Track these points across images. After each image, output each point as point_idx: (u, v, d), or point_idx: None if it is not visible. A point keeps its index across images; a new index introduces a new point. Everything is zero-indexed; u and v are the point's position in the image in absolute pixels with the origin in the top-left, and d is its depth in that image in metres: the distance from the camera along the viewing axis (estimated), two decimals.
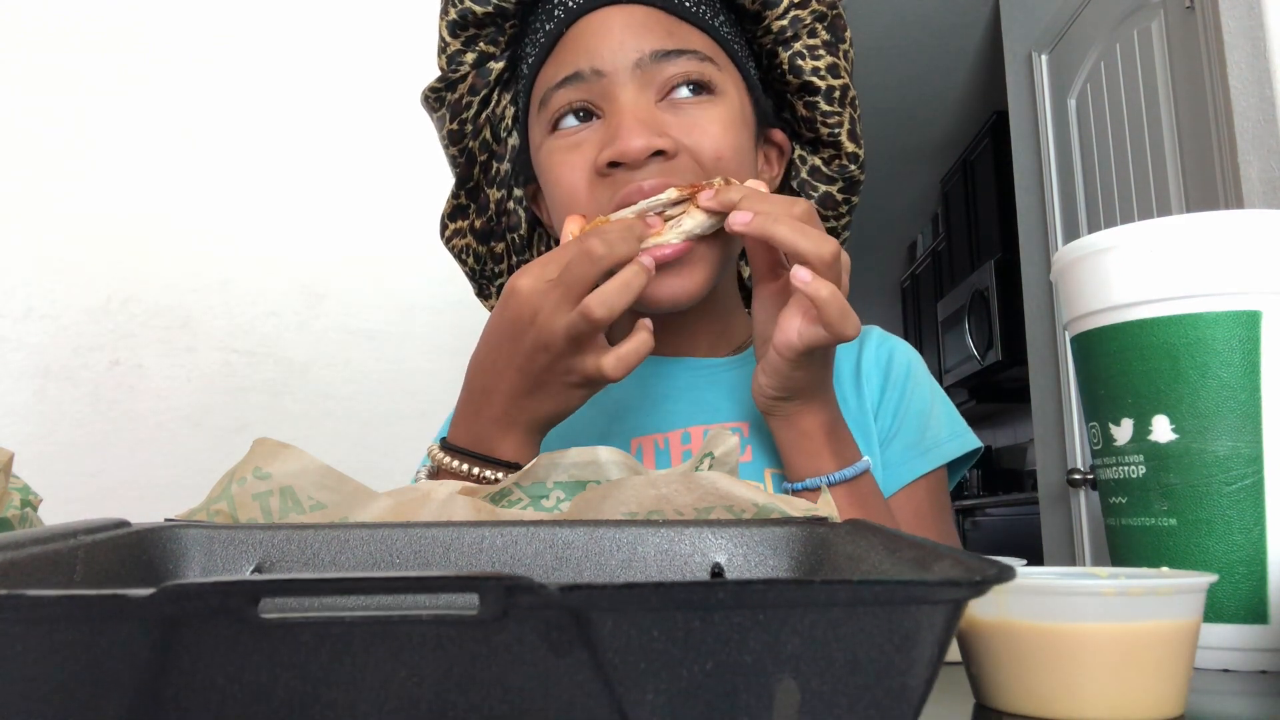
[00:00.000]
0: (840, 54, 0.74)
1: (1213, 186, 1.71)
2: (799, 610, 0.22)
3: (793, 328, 0.59)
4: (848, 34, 0.75)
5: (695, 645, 0.22)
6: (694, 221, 0.62)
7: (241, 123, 1.45)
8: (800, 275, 0.56)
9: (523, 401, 0.61)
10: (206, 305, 1.40)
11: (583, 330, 0.57)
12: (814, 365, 0.61)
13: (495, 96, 0.77)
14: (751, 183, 0.63)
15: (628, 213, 0.62)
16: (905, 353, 0.78)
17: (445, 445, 0.63)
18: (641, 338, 0.59)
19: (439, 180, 1.35)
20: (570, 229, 0.64)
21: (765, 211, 0.58)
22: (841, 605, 0.22)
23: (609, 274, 0.58)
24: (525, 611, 0.21)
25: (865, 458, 0.65)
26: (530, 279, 0.58)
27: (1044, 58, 2.48)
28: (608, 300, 0.56)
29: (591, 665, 0.22)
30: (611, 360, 0.58)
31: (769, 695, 0.22)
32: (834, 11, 0.73)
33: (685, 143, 0.66)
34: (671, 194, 0.62)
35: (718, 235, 0.64)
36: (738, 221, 0.58)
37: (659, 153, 0.65)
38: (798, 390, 0.62)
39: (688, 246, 0.63)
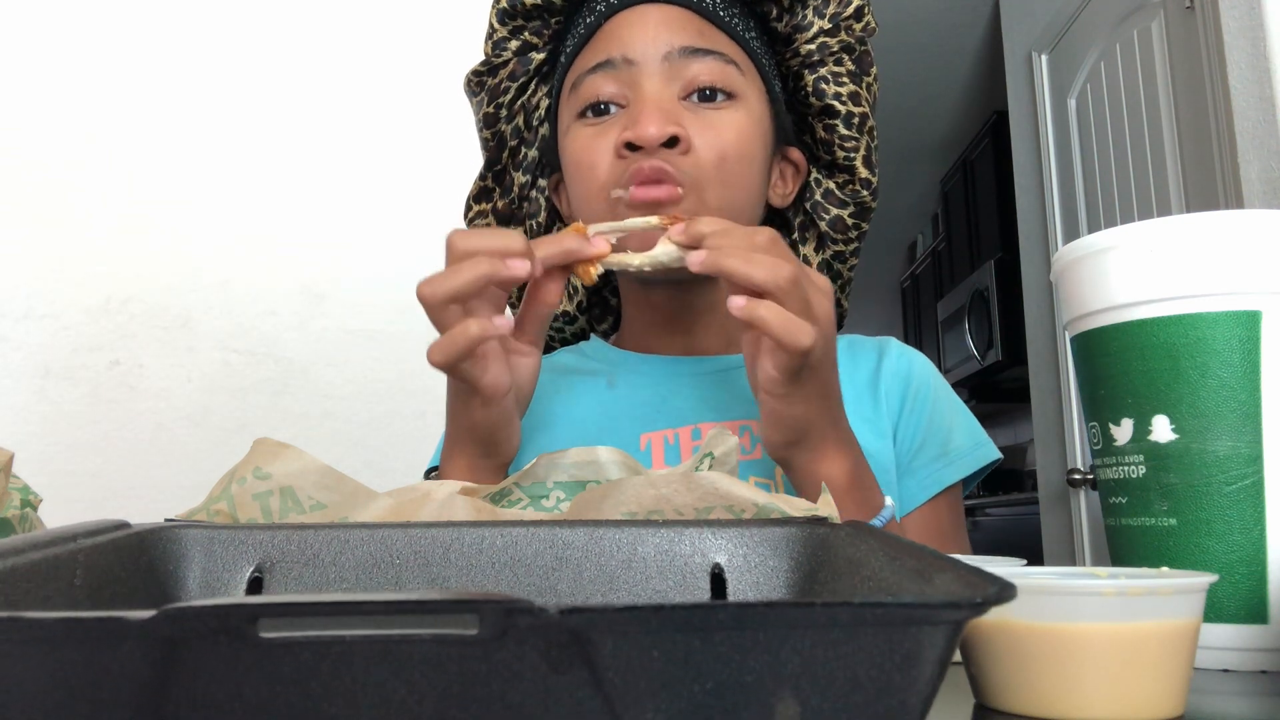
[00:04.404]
0: (863, 85, 0.76)
1: (1213, 186, 1.71)
2: (800, 631, 0.22)
3: (766, 362, 0.56)
4: (874, 70, 0.77)
5: (696, 665, 0.22)
6: (663, 250, 0.60)
7: (242, 122, 1.45)
8: (735, 304, 0.54)
9: (453, 411, 0.62)
10: (206, 305, 1.40)
11: (429, 316, 0.57)
12: (811, 397, 0.57)
13: (532, 87, 0.80)
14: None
15: (606, 226, 0.62)
16: (925, 365, 0.79)
17: (429, 473, 0.66)
18: (464, 325, 0.56)
19: (441, 180, 1.36)
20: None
21: (718, 246, 0.55)
22: (843, 627, 0.22)
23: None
24: (524, 632, 0.21)
25: (888, 502, 0.62)
26: None
27: (1044, 58, 2.48)
28: (433, 280, 0.56)
29: (591, 683, 0.22)
30: (431, 347, 0.57)
31: (769, 713, 0.22)
32: (862, 47, 0.76)
33: (697, 141, 0.68)
34: (652, 221, 0.61)
35: None
36: (694, 261, 0.56)
37: (673, 142, 0.67)
38: (805, 431, 0.58)
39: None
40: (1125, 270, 0.51)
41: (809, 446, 0.59)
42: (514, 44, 0.78)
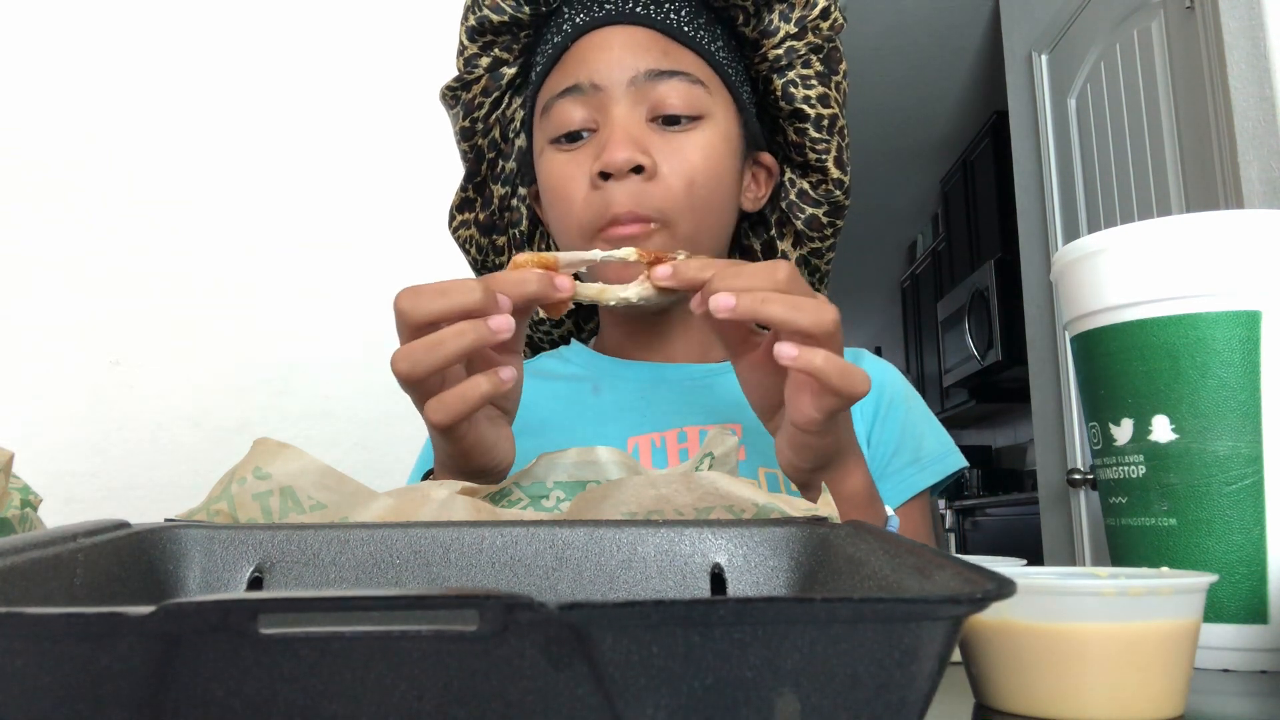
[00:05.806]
0: (832, 85, 0.76)
1: (1213, 186, 1.71)
2: (800, 626, 0.22)
3: (806, 403, 0.54)
4: (842, 67, 0.77)
5: (695, 660, 0.22)
6: (637, 291, 0.57)
7: (242, 123, 1.45)
8: (786, 352, 0.51)
9: (436, 442, 0.59)
10: (206, 305, 1.40)
11: (406, 389, 0.54)
12: (840, 426, 0.57)
13: (506, 99, 0.81)
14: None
15: (577, 256, 0.58)
16: (896, 375, 0.81)
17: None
18: (473, 382, 0.53)
19: (440, 181, 1.35)
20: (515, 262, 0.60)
21: (747, 289, 0.52)
22: (843, 622, 0.22)
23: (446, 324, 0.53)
24: (525, 628, 0.21)
25: (889, 512, 0.62)
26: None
27: (1044, 58, 2.48)
28: (411, 354, 0.52)
29: (591, 679, 0.22)
30: (433, 403, 0.53)
31: (769, 709, 0.22)
32: (830, 45, 0.76)
33: (664, 169, 0.69)
34: (630, 253, 0.58)
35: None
36: (722, 307, 0.51)
37: (640, 169, 0.68)
38: (831, 455, 0.57)
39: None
40: (1125, 270, 0.51)
41: (833, 468, 0.58)
42: (485, 60, 0.78)
